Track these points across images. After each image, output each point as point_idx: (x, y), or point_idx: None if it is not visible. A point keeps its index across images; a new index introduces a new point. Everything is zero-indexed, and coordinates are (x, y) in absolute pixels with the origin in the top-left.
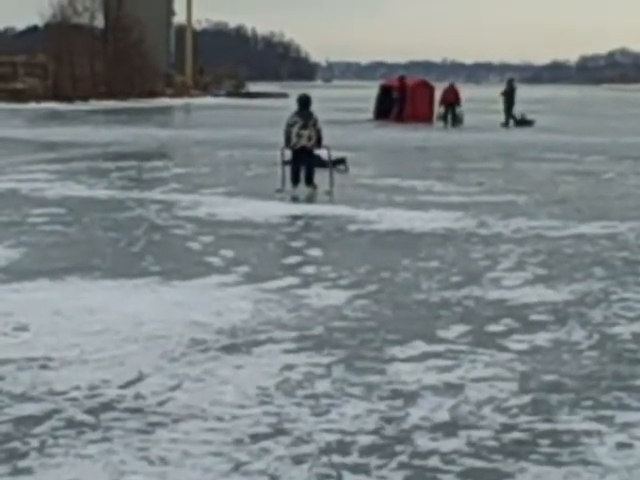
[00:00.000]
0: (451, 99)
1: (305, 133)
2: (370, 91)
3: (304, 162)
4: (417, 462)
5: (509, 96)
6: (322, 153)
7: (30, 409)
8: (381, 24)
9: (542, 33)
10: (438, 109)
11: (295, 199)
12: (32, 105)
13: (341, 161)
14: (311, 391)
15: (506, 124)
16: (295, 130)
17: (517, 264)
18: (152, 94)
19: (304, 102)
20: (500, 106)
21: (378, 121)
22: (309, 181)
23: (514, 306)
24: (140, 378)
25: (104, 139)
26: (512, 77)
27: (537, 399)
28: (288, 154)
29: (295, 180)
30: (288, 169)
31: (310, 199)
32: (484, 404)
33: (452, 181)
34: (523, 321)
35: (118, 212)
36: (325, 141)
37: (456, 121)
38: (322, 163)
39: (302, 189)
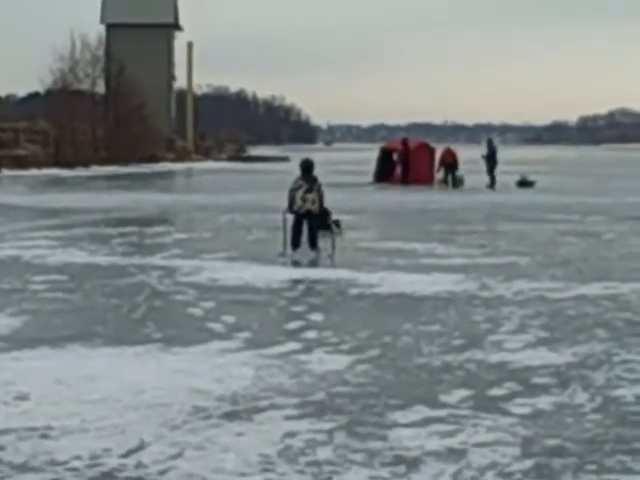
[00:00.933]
0: (449, 161)
1: (309, 197)
2: (371, 153)
3: (307, 226)
4: None
5: (491, 157)
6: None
7: (31, 479)
8: (381, 87)
9: (542, 94)
10: (437, 172)
11: (296, 263)
12: (33, 171)
13: (336, 223)
14: (313, 458)
15: (491, 185)
16: (300, 194)
17: (519, 327)
18: (153, 159)
19: (307, 167)
20: (483, 168)
21: (379, 184)
22: (313, 244)
23: (516, 369)
24: (141, 447)
25: (106, 205)
26: (490, 137)
27: (540, 463)
28: (290, 218)
29: (296, 244)
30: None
31: (314, 263)
32: (487, 469)
33: (453, 243)
34: (525, 384)
35: (119, 278)
36: (326, 204)
37: (456, 183)
38: (322, 225)
39: (305, 253)
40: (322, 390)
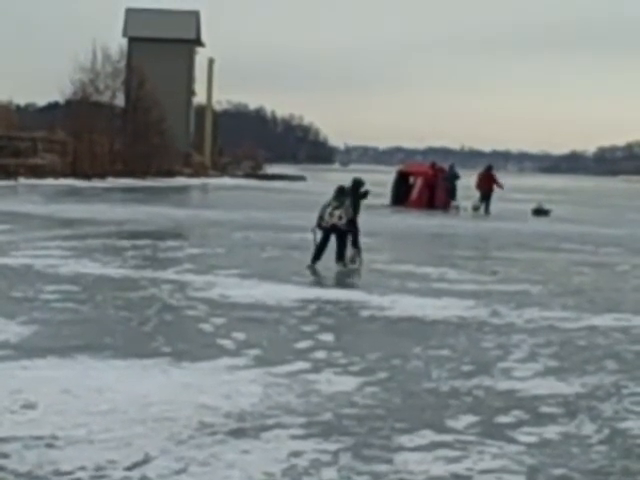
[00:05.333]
0: (485, 187)
1: (337, 213)
2: (387, 176)
3: (337, 240)
4: None
5: (451, 181)
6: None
7: None
8: (399, 110)
9: (561, 123)
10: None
11: (314, 274)
12: (50, 181)
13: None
14: (317, 478)
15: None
16: (329, 210)
17: (529, 355)
18: (170, 173)
19: (341, 190)
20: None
21: (395, 207)
22: (339, 258)
23: (524, 397)
24: (146, 460)
25: (120, 217)
26: (452, 163)
27: None
28: (319, 233)
29: (316, 257)
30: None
31: (338, 278)
32: None
33: (466, 269)
34: (533, 413)
35: (131, 291)
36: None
37: (480, 209)
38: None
39: (330, 266)
40: (329, 411)
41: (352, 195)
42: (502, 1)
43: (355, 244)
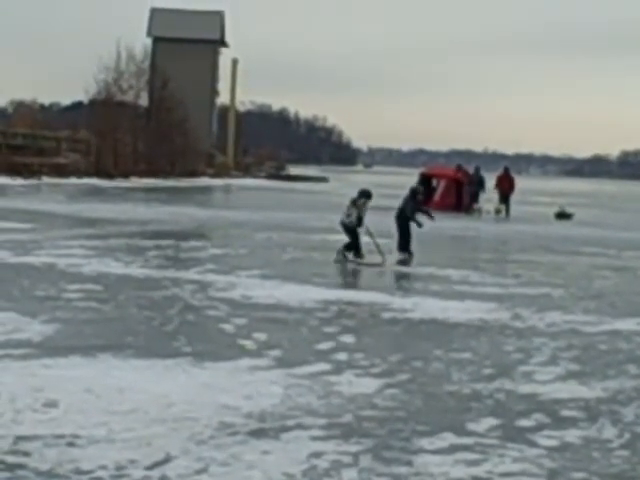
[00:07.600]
0: (505, 187)
1: (346, 211)
2: (410, 178)
3: (346, 234)
4: None
5: (476, 184)
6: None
7: None
8: (423, 112)
9: (584, 126)
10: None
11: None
12: (73, 180)
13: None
14: (337, 479)
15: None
16: (344, 209)
17: (550, 358)
18: (193, 173)
19: (360, 192)
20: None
21: None
22: (345, 250)
23: (545, 401)
24: (167, 460)
25: (143, 217)
26: (478, 165)
27: None
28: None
29: (349, 251)
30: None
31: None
32: None
33: (488, 272)
34: (554, 417)
35: (153, 291)
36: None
37: (502, 212)
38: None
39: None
40: (350, 412)
41: (411, 201)
42: (527, 3)
43: (407, 248)
